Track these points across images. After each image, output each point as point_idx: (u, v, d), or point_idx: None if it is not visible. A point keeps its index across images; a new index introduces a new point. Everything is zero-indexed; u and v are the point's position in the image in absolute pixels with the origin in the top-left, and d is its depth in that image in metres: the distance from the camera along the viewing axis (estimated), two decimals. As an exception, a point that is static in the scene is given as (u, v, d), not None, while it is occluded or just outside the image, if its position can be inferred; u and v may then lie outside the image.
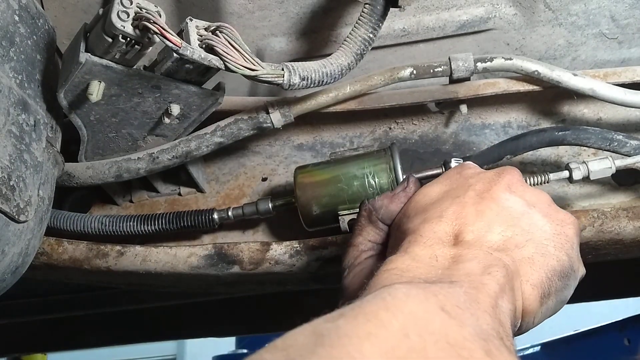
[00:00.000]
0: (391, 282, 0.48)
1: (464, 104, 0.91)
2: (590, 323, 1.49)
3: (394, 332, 0.39)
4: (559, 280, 0.57)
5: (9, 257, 0.72)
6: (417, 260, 0.54)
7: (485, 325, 0.44)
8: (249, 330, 2.30)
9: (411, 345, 0.38)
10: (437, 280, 0.51)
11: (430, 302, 0.43)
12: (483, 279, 0.50)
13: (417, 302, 0.43)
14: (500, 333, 0.45)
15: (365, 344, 0.38)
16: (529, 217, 0.59)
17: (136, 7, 0.68)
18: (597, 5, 0.90)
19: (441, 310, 0.42)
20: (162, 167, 0.90)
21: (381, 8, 0.77)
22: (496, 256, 0.54)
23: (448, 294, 0.45)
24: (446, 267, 0.53)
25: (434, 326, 0.41)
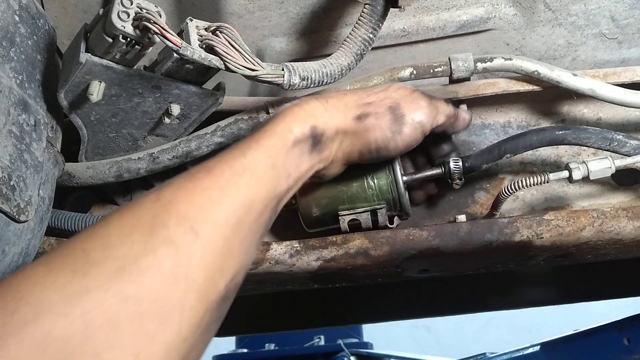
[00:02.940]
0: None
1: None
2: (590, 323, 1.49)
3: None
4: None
5: (9, 257, 0.72)
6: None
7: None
8: (249, 330, 2.30)
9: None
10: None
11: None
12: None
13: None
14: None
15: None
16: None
17: (136, 8, 0.68)
18: (597, 6, 0.90)
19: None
20: (163, 167, 0.90)
21: (381, 8, 0.77)
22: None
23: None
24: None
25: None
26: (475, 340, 3.74)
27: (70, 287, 0.46)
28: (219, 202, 0.56)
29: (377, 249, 0.84)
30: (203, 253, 0.52)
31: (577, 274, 1.58)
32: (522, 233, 0.83)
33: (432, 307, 1.86)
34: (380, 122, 0.72)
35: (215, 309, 0.53)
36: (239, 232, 0.56)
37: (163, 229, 0.51)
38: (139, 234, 0.50)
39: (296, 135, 0.65)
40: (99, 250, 0.49)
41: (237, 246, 0.56)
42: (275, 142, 0.63)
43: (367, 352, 2.36)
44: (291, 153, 0.65)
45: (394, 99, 0.74)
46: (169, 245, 0.50)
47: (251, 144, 0.62)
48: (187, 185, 0.56)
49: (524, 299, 1.78)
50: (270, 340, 2.72)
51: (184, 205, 0.54)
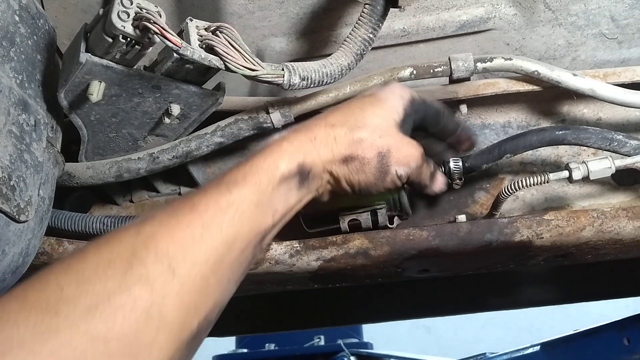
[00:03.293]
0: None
1: (464, 104, 0.91)
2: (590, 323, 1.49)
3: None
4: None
5: (10, 257, 0.72)
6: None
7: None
8: (249, 330, 2.30)
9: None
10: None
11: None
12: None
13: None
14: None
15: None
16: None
17: (136, 7, 0.68)
18: (597, 6, 0.90)
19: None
20: (163, 167, 0.90)
21: (381, 8, 0.77)
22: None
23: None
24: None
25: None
26: (475, 340, 3.74)
27: (41, 326, 0.46)
28: (200, 239, 0.55)
29: (377, 249, 0.84)
30: (179, 292, 0.52)
31: (577, 274, 1.58)
32: (522, 233, 0.83)
33: (432, 307, 1.86)
34: (365, 168, 0.71)
35: (185, 348, 0.53)
36: (218, 270, 0.56)
37: (140, 266, 0.51)
38: (115, 269, 0.50)
39: (282, 172, 0.64)
40: (73, 285, 0.49)
41: (215, 285, 0.56)
42: (261, 179, 0.62)
43: (367, 352, 2.36)
44: (278, 189, 0.64)
45: (386, 145, 0.71)
46: (144, 283, 0.50)
47: (237, 180, 0.62)
48: (169, 220, 0.56)
49: (524, 299, 1.78)
50: (270, 340, 2.72)
51: (164, 241, 0.53)
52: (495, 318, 3.66)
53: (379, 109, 0.73)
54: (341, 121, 0.71)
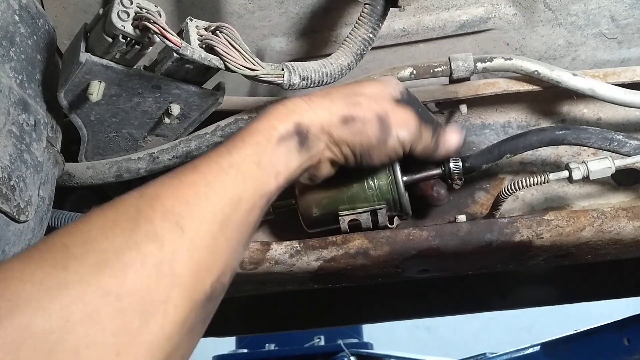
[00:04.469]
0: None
1: (464, 104, 0.91)
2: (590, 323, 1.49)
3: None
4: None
5: (9, 257, 0.72)
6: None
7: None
8: (249, 330, 2.30)
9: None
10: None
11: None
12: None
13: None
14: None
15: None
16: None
17: (136, 7, 0.68)
18: (597, 5, 0.90)
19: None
20: (163, 167, 0.90)
21: (381, 8, 0.77)
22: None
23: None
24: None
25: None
26: (475, 340, 3.74)
27: (49, 281, 0.44)
28: (205, 197, 0.55)
29: (377, 249, 0.84)
30: (189, 249, 0.51)
31: (577, 274, 1.58)
32: (522, 233, 0.83)
33: (432, 307, 1.86)
34: (366, 128, 0.70)
35: (201, 309, 0.52)
36: (226, 229, 0.56)
37: (147, 223, 0.50)
38: (122, 228, 0.49)
39: (280, 132, 0.65)
40: (79, 244, 0.47)
41: (225, 244, 0.55)
42: (259, 140, 0.63)
43: (367, 352, 2.36)
44: (277, 150, 0.64)
45: (384, 108, 0.72)
46: (153, 240, 0.49)
47: (236, 142, 0.62)
48: (172, 181, 0.55)
49: (524, 299, 1.77)
50: (270, 340, 2.72)
51: (169, 200, 0.53)
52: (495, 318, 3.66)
53: (376, 83, 0.75)
54: (337, 89, 0.73)
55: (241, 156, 0.60)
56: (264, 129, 0.64)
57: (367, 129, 0.71)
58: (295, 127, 0.66)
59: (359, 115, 0.70)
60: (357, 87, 0.74)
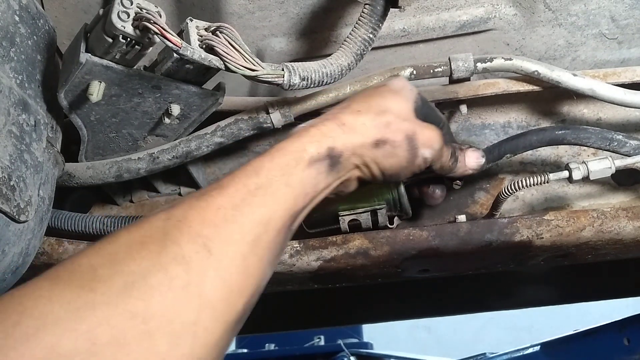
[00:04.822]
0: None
1: (464, 104, 0.91)
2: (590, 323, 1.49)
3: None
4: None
5: (9, 257, 0.72)
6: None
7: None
8: (249, 330, 2.30)
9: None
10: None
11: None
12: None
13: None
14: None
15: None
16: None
17: (136, 8, 0.68)
18: (597, 6, 0.90)
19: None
20: (163, 167, 0.90)
21: (381, 8, 0.77)
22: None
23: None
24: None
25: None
26: (475, 340, 3.74)
27: (77, 302, 0.44)
28: (233, 220, 0.55)
29: (377, 249, 0.84)
30: (218, 271, 0.51)
31: (577, 274, 1.58)
32: (522, 233, 0.83)
33: (432, 307, 1.86)
34: (396, 150, 0.70)
35: (232, 331, 0.52)
36: (257, 249, 0.55)
37: (174, 245, 0.50)
38: (149, 250, 0.49)
39: (311, 154, 0.64)
40: (106, 266, 0.47)
41: (256, 264, 0.55)
42: (289, 161, 0.62)
43: (367, 352, 2.36)
44: (308, 172, 0.63)
45: (412, 128, 0.72)
46: (180, 262, 0.49)
47: (264, 163, 0.61)
48: (199, 204, 0.55)
49: (524, 299, 1.78)
50: (270, 340, 2.72)
51: (197, 223, 0.53)
52: (495, 318, 3.66)
53: (397, 97, 0.74)
54: (366, 108, 0.71)
55: (269, 177, 0.60)
56: (295, 150, 0.64)
57: (397, 151, 0.71)
58: (327, 150, 0.66)
59: (390, 138, 0.70)
60: (381, 101, 0.73)
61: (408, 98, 0.75)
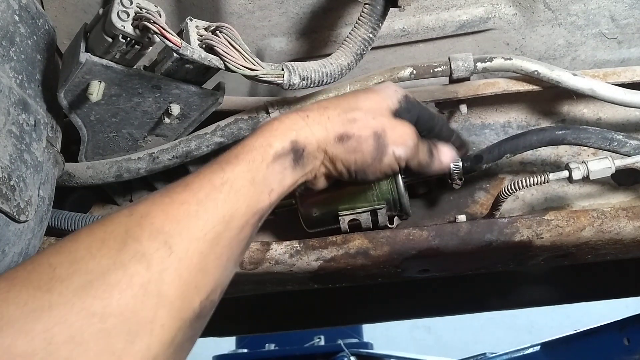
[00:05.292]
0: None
1: (464, 104, 0.91)
2: (590, 323, 1.49)
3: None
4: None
5: (10, 257, 0.72)
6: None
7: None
8: (249, 330, 2.30)
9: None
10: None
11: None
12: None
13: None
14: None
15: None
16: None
17: (136, 7, 0.68)
18: (597, 5, 0.90)
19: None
20: (163, 167, 0.90)
21: (381, 8, 0.77)
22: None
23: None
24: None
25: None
26: (475, 340, 3.74)
27: (33, 303, 0.45)
28: (196, 216, 0.55)
29: (377, 249, 0.84)
30: (177, 268, 0.51)
31: (577, 274, 1.58)
32: (522, 233, 0.83)
33: (432, 307, 1.86)
34: (362, 146, 0.69)
35: (189, 327, 0.52)
36: (216, 247, 0.55)
37: (135, 243, 0.50)
38: (109, 248, 0.49)
39: (276, 149, 0.64)
40: (65, 265, 0.48)
41: (214, 262, 0.55)
42: (254, 157, 0.62)
43: (367, 352, 2.36)
44: (272, 167, 0.63)
45: (381, 124, 0.71)
46: (140, 260, 0.49)
47: (230, 159, 0.61)
48: (163, 199, 0.55)
49: (524, 299, 1.77)
50: (270, 340, 2.72)
51: (159, 219, 0.53)
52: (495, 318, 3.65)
53: (373, 95, 0.73)
54: (334, 104, 0.71)
55: (235, 173, 0.60)
56: (260, 145, 0.64)
57: (362, 147, 0.70)
58: (291, 144, 0.65)
59: (354, 133, 0.69)
60: (354, 100, 0.72)
61: (386, 97, 0.74)
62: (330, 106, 0.71)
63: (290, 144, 0.65)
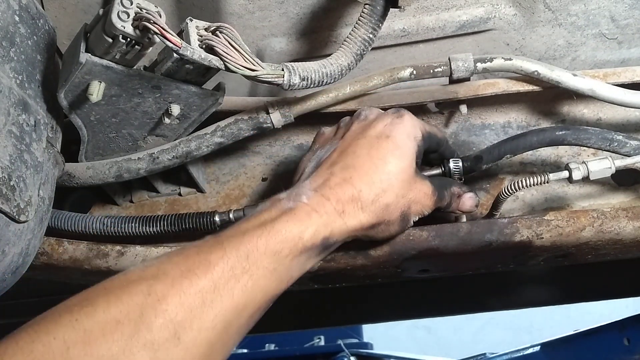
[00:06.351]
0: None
1: (464, 104, 0.91)
2: (590, 323, 1.49)
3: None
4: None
5: (9, 257, 0.72)
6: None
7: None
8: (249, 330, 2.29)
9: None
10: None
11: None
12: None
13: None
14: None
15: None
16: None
17: (136, 8, 0.68)
18: (597, 6, 0.90)
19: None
20: (162, 167, 0.90)
21: (381, 8, 0.77)
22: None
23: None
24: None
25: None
26: (475, 340, 3.75)
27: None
28: (210, 306, 0.55)
29: (377, 249, 0.84)
30: (183, 358, 0.53)
31: (577, 274, 1.58)
32: (522, 233, 0.83)
33: (432, 307, 1.86)
34: (389, 228, 0.73)
35: None
36: (225, 335, 0.56)
37: (146, 331, 0.51)
38: (122, 333, 0.51)
39: (305, 244, 0.64)
40: (79, 345, 0.50)
41: (220, 349, 0.56)
42: (282, 249, 0.62)
43: (367, 352, 2.36)
44: (297, 259, 0.63)
45: (408, 201, 0.73)
46: (149, 350, 0.51)
47: (258, 246, 0.60)
48: (182, 282, 0.55)
49: (524, 299, 1.78)
50: (270, 340, 2.72)
51: (174, 306, 0.53)
52: (495, 318, 3.66)
53: (400, 158, 0.73)
54: (367, 183, 0.70)
55: (257, 264, 0.59)
56: (291, 237, 0.63)
57: (390, 228, 0.73)
58: (322, 240, 0.66)
59: (386, 219, 0.71)
60: (385, 174, 0.71)
61: (411, 155, 0.74)
62: (363, 189, 0.69)
63: (322, 239, 0.65)
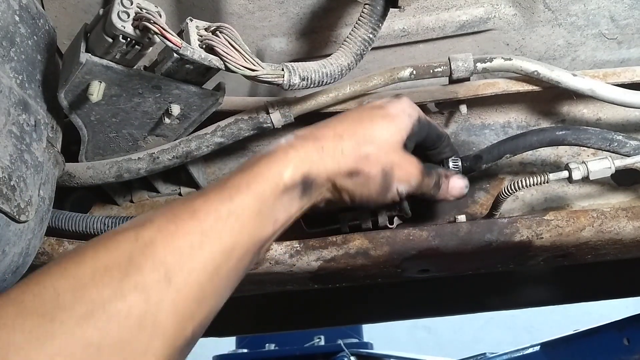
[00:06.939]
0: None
1: (464, 104, 0.91)
2: (590, 323, 1.49)
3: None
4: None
5: (10, 257, 0.73)
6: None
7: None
8: (249, 330, 2.30)
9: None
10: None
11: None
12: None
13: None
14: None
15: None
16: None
17: (136, 8, 0.68)
18: (597, 6, 0.90)
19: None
20: (163, 167, 0.90)
21: (381, 8, 0.77)
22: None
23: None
24: None
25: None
26: (475, 340, 3.75)
27: (37, 331, 0.47)
28: (199, 248, 0.55)
29: (377, 249, 0.84)
30: (174, 299, 0.53)
31: (577, 274, 1.58)
32: (522, 233, 0.83)
33: (432, 307, 1.86)
34: (369, 182, 0.72)
35: (179, 354, 0.54)
36: (215, 278, 0.56)
37: (136, 274, 0.52)
38: (112, 277, 0.51)
39: (286, 182, 0.64)
40: (69, 291, 0.49)
41: (211, 292, 0.56)
42: (264, 188, 0.62)
43: (367, 352, 2.36)
44: (280, 199, 0.64)
45: (390, 161, 0.72)
46: (140, 291, 0.51)
47: (240, 187, 0.61)
48: (168, 226, 0.56)
49: (524, 299, 1.78)
50: (270, 340, 2.72)
51: (162, 249, 0.54)
52: (495, 318, 3.66)
53: (389, 124, 0.74)
54: (350, 132, 0.71)
55: (242, 205, 0.60)
56: (271, 176, 0.64)
57: (369, 183, 0.72)
58: (302, 177, 0.66)
59: (364, 170, 0.71)
60: (370, 130, 0.72)
61: (401, 128, 0.74)
62: (345, 135, 0.71)
63: (301, 177, 0.66)
